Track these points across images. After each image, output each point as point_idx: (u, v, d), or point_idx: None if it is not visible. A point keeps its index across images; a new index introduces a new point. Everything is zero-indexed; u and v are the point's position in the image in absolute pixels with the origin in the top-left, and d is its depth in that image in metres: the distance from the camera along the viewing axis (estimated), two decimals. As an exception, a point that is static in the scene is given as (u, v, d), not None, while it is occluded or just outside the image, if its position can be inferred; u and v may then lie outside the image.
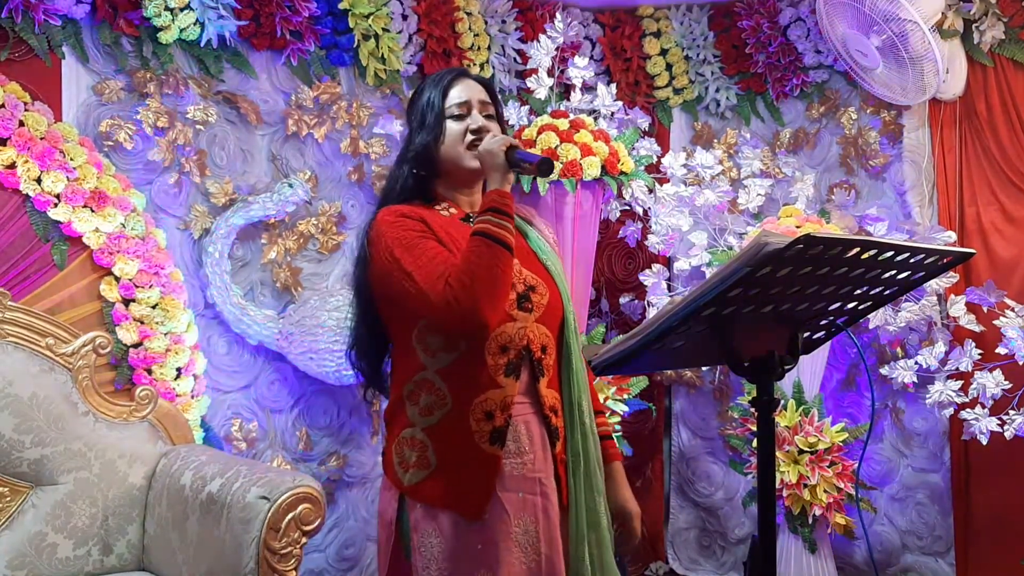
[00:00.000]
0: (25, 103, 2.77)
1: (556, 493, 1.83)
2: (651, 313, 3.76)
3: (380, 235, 1.79)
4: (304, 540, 2.46)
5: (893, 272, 1.42)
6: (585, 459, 1.85)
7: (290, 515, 2.42)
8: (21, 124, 2.74)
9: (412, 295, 1.72)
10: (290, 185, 3.22)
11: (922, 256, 1.39)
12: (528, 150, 1.82)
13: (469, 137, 1.85)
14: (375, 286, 1.83)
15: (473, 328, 1.72)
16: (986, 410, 3.25)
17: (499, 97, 1.99)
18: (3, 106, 2.72)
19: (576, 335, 1.91)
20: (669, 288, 3.74)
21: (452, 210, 1.89)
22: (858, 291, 1.45)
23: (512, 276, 1.76)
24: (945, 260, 1.44)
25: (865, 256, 1.33)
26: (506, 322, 1.78)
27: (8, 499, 2.57)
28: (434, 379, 1.78)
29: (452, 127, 1.87)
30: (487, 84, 1.94)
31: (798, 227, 3.43)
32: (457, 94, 1.88)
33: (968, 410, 3.29)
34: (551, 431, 1.84)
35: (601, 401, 3.38)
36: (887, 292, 1.49)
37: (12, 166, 2.73)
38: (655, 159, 3.69)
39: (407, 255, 1.73)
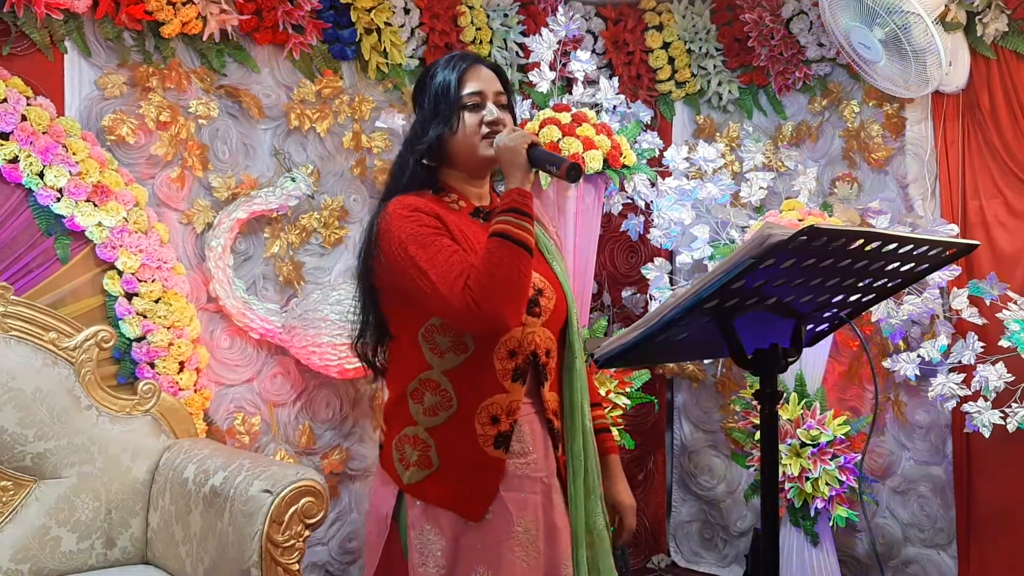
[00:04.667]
0: (28, 98, 2.77)
1: (559, 492, 1.84)
2: (653, 307, 3.76)
3: (391, 228, 1.73)
4: (307, 533, 2.47)
5: (897, 264, 1.42)
6: (585, 460, 1.86)
7: (293, 508, 2.42)
8: (24, 119, 2.74)
9: (427, 294, 1.68)
10: (292, 179, 3.22)
11: (926, 248, 1.39)
12: (547, 149, 1.80)
13: (484, 129, 1.81)
14: (382, 279, 1.79)
15: (493, 331, 1.71)
16: (988, 403, 3.25)
17: (511, 85, 1.93)
18: (5, 101, 2.72)
19: (579, 337, 1.89)
20: (671, 282, 3.74)
21: (461, 203, 1.85)
22: (861, 283, 1.46)
23: (531, 278, 1.73)
24: (949, 252, 1.44)
25: (869, 248, 1.33)
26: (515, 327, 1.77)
27: (12, 493, 2.57)
28: (440, 379, 1.76)
29: (468, 118, 1.81)
30: (500, 72, 1.88)
31: (800, 220, 3.43)
32: (473, 83, 1.82)
33: (970, 403, 3.29)
34: (553, 434, 1.85)
35: (603, 395, 3.41)
36: (890, 284, 1.49)
37: (15, 160, 2.73)
38: (657, 153, 3.69)
39: (422, 252, 1.69)
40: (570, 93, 3.59)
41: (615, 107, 3.61)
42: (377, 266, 1.78)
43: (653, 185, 3.64)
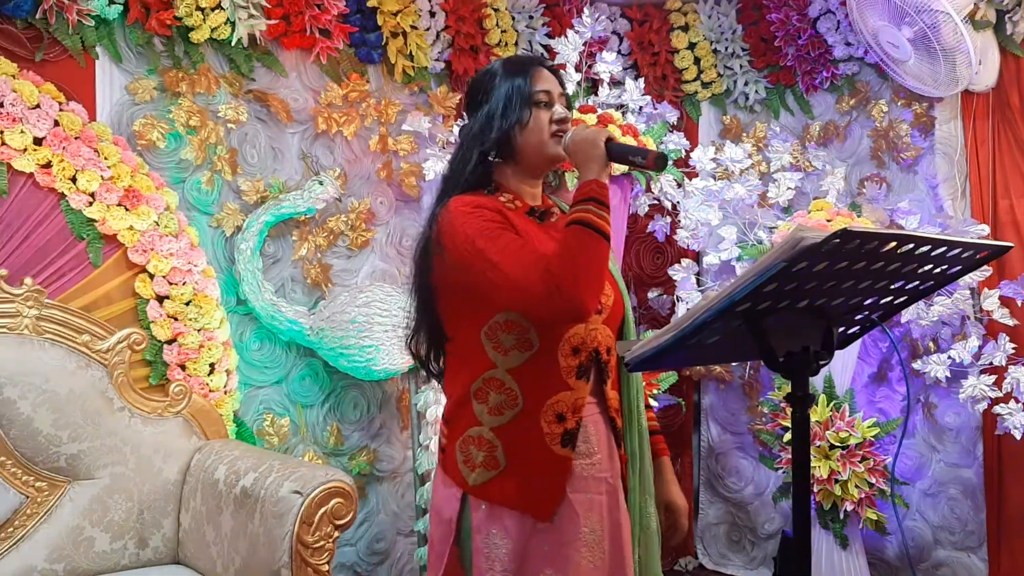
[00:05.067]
0: (60, 103, 2.81)
1: (623, 492, 1.83)
2: (680, 308, 3.76)
3: (455, 225, 1.72)
4: (336, 534, 2.48)
5: (929, 266, 1.41)
6: (640, 459, 1.86)
7: (322, 509, 2.44)
8: (56, 124, 2.78)
9: (499, 285, 1.67)
10: (320, 182, 3.24)
11: (958, 250, 1.38)
12: (625, 143, 1.79)
13: (553, 127, 1.81)
14: (445, 278, 1.78)
15: (571, 317, 1.69)
16: (1020, 404, 3.22)
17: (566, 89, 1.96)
18: (39, 106, 2.75)
19: (634, 335, 1.89)
20: (698, 283, 3.73)
21: (516, 203, 1.83)
22: (893, 286, 1.44)
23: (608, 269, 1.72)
24: (981, 254, 1.43)
25: (901, 250, 1.32)
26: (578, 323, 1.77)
27: (46, 493, 2.61)
28: (504, 378, 1.74)
29: (539, 114, 1.81)
30: (559, 75, 1.90)
31: (829, 221, 3.41)
32: (541, 83, 1.83)
33: (1002, 405, 3.26)
34: (616, 433, 1.84)
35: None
36: (922, 287, 1.48)
37: (48, 165, 2.77)
38: (684, 153, 3.68)
39: (491, 245, 1.68)
40: (596, 94, 3.59)
41: (641, 108, 3.61)
42: (439, 265, 1.76)
43: (680, 186, 3.63)
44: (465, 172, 1.81)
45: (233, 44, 3.14)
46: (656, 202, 3.70)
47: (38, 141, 2.76)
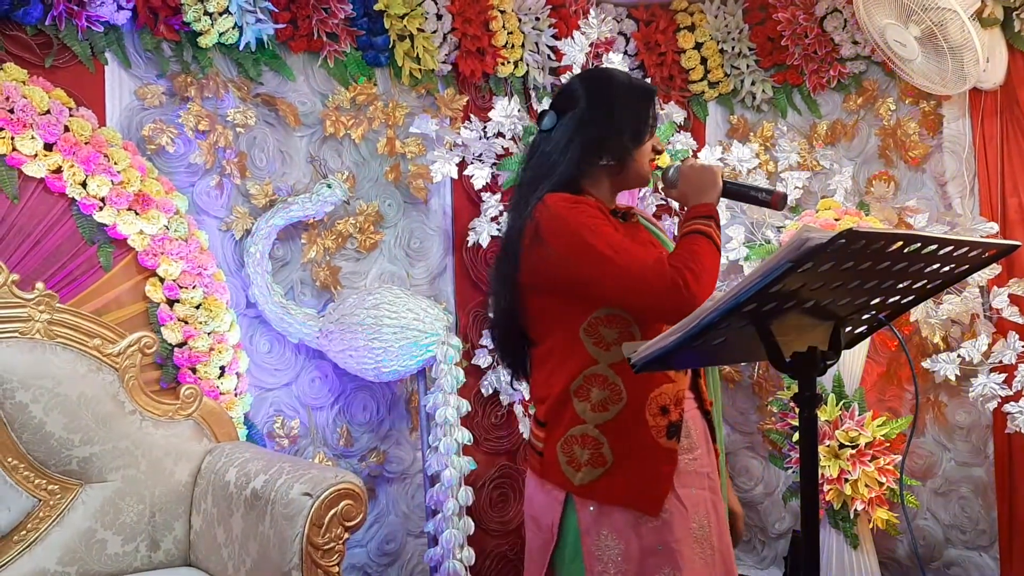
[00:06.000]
0: (70, 109, 2.83)
1: (719, 487, 1.86)
2: (688, 308, 3.75)
3: (559, 218, 1.73)
4: (347, 536, 2.49)
5: (936, 265, 1.41)
6: (724, 452, 1.93)
7: (333, 511, 2.44)
8: (66, 129, 2.80)
9: (611, 278, 1.69)
10: (328, 186, 3.25)
11: (966, 249, 1.38)
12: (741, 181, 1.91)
13: (651, 155, 1.90)
14: (544, 273, 1.77)
15: (686, 313, 1.67)
16: (1031, 403, 3.21)
17: None
18: (49, 112, 2.77)
19: None
20: (706, 283, 3.72)
21: (600, 205, 1.85)
22: (900, 285, 1.44)
23: None
24: (989, 253, 1.43)
25: (907, 250, 1.32)
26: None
27: (59, 496, 2.62)
28: (607, 373, 1.76)
29: (647, 140, 1.89)
30: None
31: (837, 220, 3.41)
32: (655, 113, 1.90)
33: (1012, 403, 3.25)
34: (711, 426, 1.88)
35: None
36: (930, 286, 1.48)
37: (58, 171, 2.79)
38: (691, 153, 3.68)
39: (600, 240, 1.70)
40: (603, 95, 3.59)
41: (648, 109, 3.60)
42: (536, 260, 1.77)
43: (687, 186, 3.62)
44: (567, 170, 1.81)
45: (241, 48, 3.15)
46: (664, 202, 3.70)
47: (48, 147, 2.77)
